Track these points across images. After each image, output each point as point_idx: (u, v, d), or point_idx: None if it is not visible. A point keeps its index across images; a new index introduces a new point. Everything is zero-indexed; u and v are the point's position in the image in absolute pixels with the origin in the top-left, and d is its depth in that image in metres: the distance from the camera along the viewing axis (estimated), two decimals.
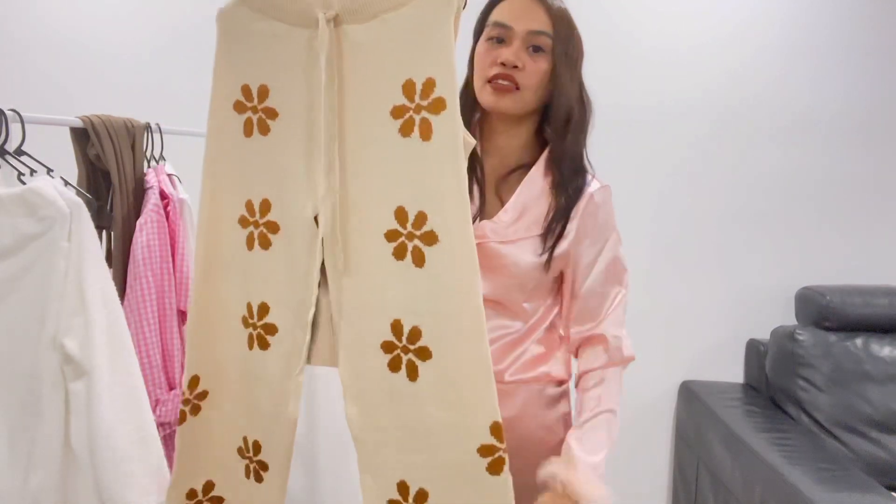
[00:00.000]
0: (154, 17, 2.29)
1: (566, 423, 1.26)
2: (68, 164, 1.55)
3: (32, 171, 1.31)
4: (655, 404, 2.40)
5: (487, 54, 1.14)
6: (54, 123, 1.47)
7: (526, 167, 1.20)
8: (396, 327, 0.96)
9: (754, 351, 2.31)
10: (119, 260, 1.57)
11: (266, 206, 1.02)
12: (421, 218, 0.93)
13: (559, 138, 1.16)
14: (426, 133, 0.91)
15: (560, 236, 1.16)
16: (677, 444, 2.38)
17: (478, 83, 1.16)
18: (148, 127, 1.68)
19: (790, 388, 2.11)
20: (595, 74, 2.25)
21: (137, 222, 1.57)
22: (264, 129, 1.01)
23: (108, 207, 1.58)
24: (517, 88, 1.13)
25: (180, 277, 1.65)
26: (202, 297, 1.11)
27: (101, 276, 1.27)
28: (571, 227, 1.17)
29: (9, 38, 2.30)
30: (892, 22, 2.22)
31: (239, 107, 1.02)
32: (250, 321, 1.07)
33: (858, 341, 2.09)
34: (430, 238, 0.93)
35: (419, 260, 0.94)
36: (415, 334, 0.95)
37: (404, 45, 0.91)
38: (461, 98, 1.21)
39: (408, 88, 0.92)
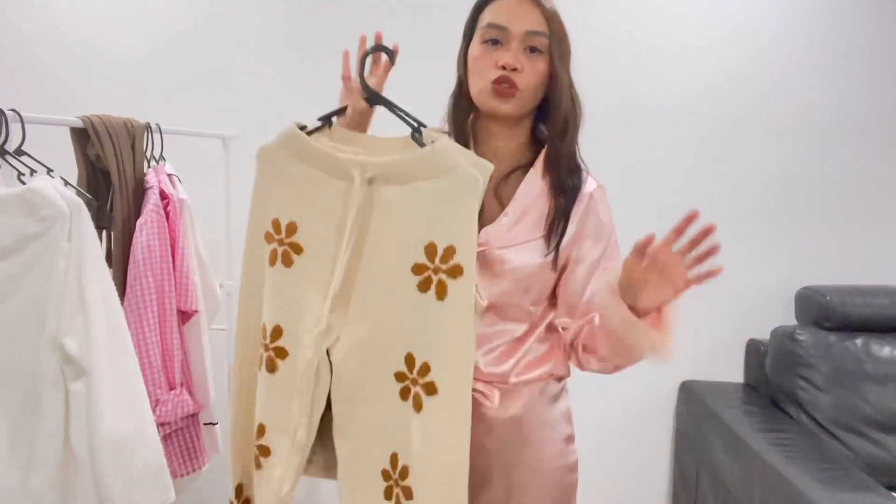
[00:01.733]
0: (154, 18, 2.29)
1: (567, 419, 1.26)
2: (68, 164, 1.55)
3: (32, 171, 1.31)
4: (655, 404, 2.40)
5: (485, 57, 1.13)
6: (54, 123, 1.47)
7: (524, 168, 1.19)
8: (393, 466, 1.07)
9: (754, 351, 2.31)
10: (119, 260, 1.57)
11: (277, 333, 1.12)
12: (425, 368, 1.03)
13: (558, 139, 1.16)
14: (441, 293, 1.01)
15: (563, 235, 1.16)
16: (677, 444, 2.38)
17: (476, 86, 1.15)
18: (148, 127, 1.68)
19: (790, 388, 2.11)
20: (595, 76, 2.26)
21: (137, 222, 1.57)
22: (288, 261, 1.10)
23: (108, 207, 1.58)
24: (517, 90, 1.12)
25: (180, 277, 1.65)
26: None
27: (101, 276, 1.28)
28: (571, 227, 1.16)
29: (8, 37, 2.30)
30: (892, 22, 2.22)
31: (268, 237, 1.12)
32: (255, 442, 1.17)
33: (858, 341, 2.09)
34: (431, 388, 1.02)
35: (418, 406, 1.03)
36: (408, 490, 1.04)
37: (431, 212, 1.01)
38: (454, 101, 1.23)
39: (430, 250, 1.02)
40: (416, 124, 1.06)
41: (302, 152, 1.08)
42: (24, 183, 1.26)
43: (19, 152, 1.30)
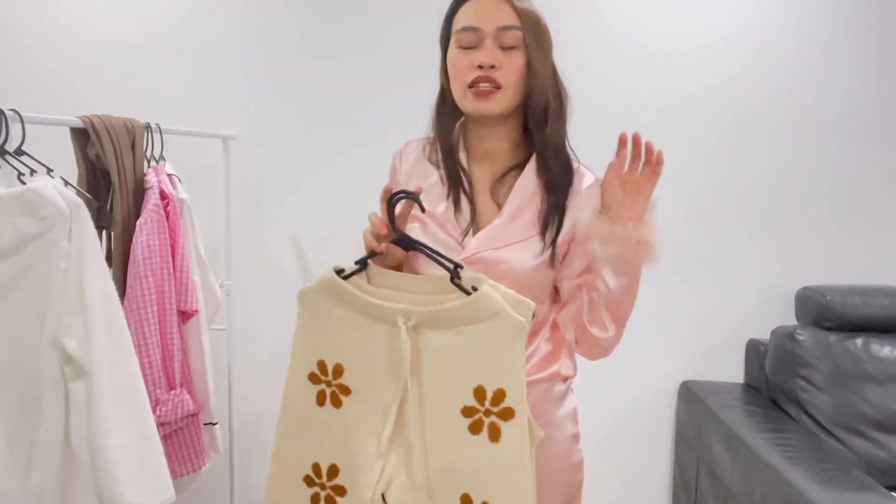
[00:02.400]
0: (155, 18, 2.29)
1: (573, 418, 1.26)
2: (68, 164, 1.55)
3: (32, 171, 1.31)
4: (655, 404, 2.40)
5: (462, 60, 1.12)
6: (54, 123, 1.47)
7: (519, 167, 1.19)
8: None
9: (754, 351, 2.31)
10: (119, 260, 1.57)
11: (334, 472, 1.12)
12: None
13: (539, 129, 1.16)
14: (495, 435, 1.02)
15: (559, 230, 1.16)
16: (677, 444, 2.38)
17: (458, 91, 1.15)
18: (148, 127, 1.68)
19: (790, 388, 2.11)
20: (596, 78, 2.27)
21: (137, 222, 1.57)
22: (337, 403, 1.11)
23: (108, 207, 1.58)
24: (498, 88, 1.12)
25: (180, 277, 1.65)
26: None
27: (102, 276, 1.27)
28: (568, 222, 1.16)
29: (9, 37, 2.30)
30: (893, 22, 2.22)
31: (314, 378, 1.13)
32: None
33: (858, 341, 2.09)
34: None
35: None
36: None
37: (478, 356, 1.03)
38: (438, 109, 1.23)
39: (479, 393, 1.03)
40: (452, 267, 1.06)
41: (342, 297, 1.08)
42: (24, 183, 1.26)
43: (19, 152, 1.30)
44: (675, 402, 2.40)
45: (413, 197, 1.06)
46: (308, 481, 1.14)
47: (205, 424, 1.79)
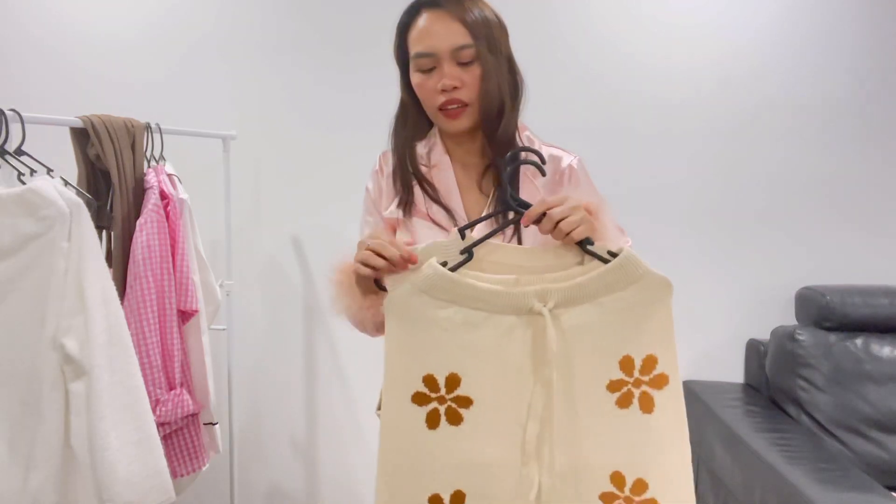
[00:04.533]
0: (156, 18, 2.29)
1: None
2: (68, 164, 1.55)
3: (32, 171, 1.31)
4: None
5: (426, 85, 1.15)
6: (54, 123, 1.47)
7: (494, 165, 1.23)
8: None
9: (754, 351, 2.31)
10: (119, 260, 1.57)
11: (459, 499, 0.97)
12: (640, 485, 0.96)
13: (491, 131, 1.17)
14: (647, 406, 0.95)
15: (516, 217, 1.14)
16: None
17: (430, 112, 1.19)
18: (148, 127, 1.68)
19: (790, 388, 2.11)
20: (595, 77, 2.26)
21: (137, 222, 1.57)
22: (455, 419, 0.97)
23: (108, 207, 1.58)
24: (466, 106, 1.15)
25: (180, 277, 1.65)
26: None
27: (101, 276, 1.28)
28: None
29: (9, 36, 2.30)
30: (893, 23, 2.22)
31: (420, 398, 0.97)
32: None
33: (858, 341, 2.09)
34: None
35: None
36: None
37: (622, 325, 0.95)
38: (399, 122, 1.24)
39: (625, 364, 0.95)
40: (585, 240, 0.97)
41: (454, 293, 0.95)
42: (24, 183, 1.26)
43: (19, 152, 1.30)
44: None
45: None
46: None
47: (205, 424, 1.79)
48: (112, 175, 1.55)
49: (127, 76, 2.30)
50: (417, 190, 1.21)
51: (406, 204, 1.21)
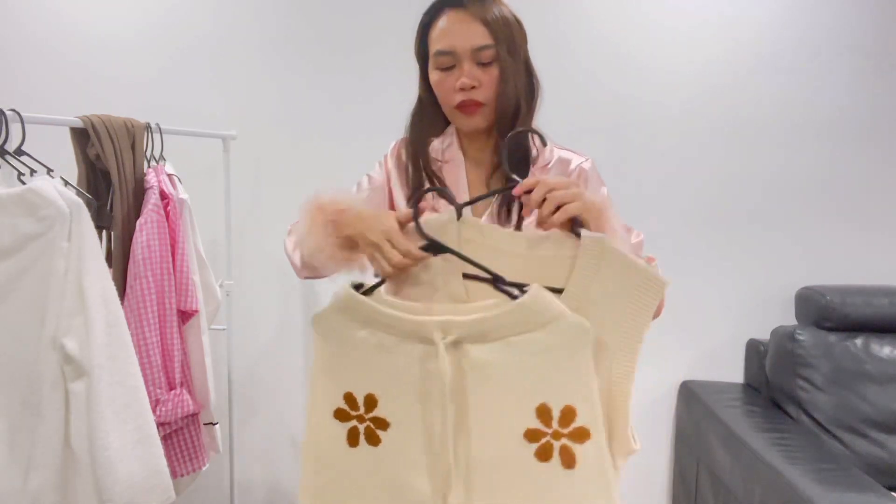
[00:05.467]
0: (156, 17, 2.29)
1: None
2: (68, 164, 1.55)
3: (32, 171, 1.31)
4: (655, 404, 2.40)
5: (445, 83, 1.16)
6: (54, 123, 1.47)
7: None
8: None
9: (754, 351, 2.31)
10: (119, 260, 1.57)
11: None
12: None
13: (504, 133, 1.17)
14: (569, 461, 0.88)
15: (520, 218, 1.15)
16: (677, 444, 2.38)
17: (447, 110, 1.20)
18: (148, 127, 1.68)
19: (790, 388, 2.11)
20: (595, 77, 2.26)
21: (137, 222, 1.57)
22: (374, 440, 0.96)
23: (108, 207, 1.58)
24: (483, 104, 1.16)
25: (180, 277, 1.65)
26: None
27: (101, 276, 1.28)
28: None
29: (9, 36, 2.30)
30: (892, 23, 2.22)
31: (341, 415, 0.97)
32: None
33: (858, 341, 2.09)
34: None
35: None
36: None
37: (536, 369, 0.88)
38: (416, 117, 1.25)
39: (542, 413, 0.89)
40: (491, 276, 0.93)
41: (365, 316, 0.93)
42: (24, 183, 1.26)
43: (19, 152, 1.30)
44: (675, 401, 2.40)
45: (442, 192, 1.00)
46: None
47: (205, 424, 1.79)
48: (112, 175, 1.55)
49: (127, 76, 2.30)
50: (427, 185, 1.22)
51: (410, 199, 1.21)
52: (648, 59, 2.26)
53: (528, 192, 0.95)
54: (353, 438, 0.96)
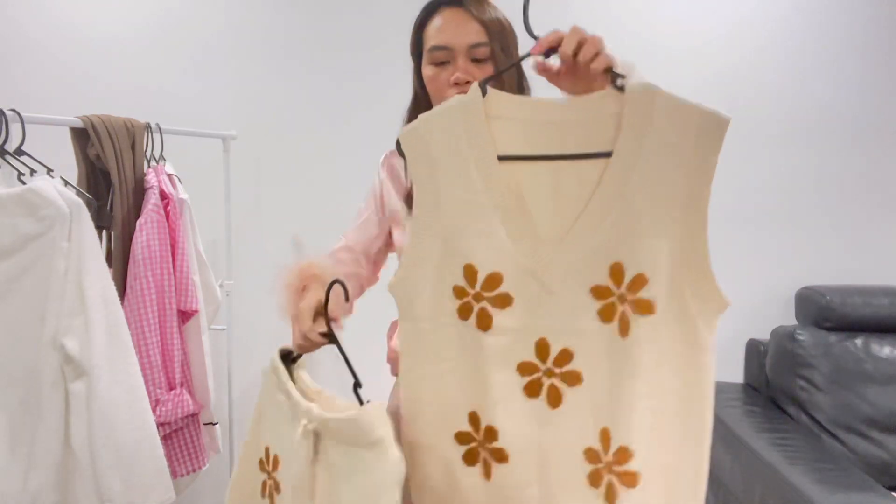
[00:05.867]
0: (156, 17, 2.29)
1: None
2: (68, 164, 1.55)
3: (32, 171, 1.31)
4: None
5: (439, 78, 1.17)
6: (54, 123, 1.47)
7: None
8: None
9: (754, 351, 2.31)
10: (119, 260, 1.57)
11: None
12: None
13: None
14: None
15: None
16: None
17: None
18: (148, 127, 1.68)
19: (790, 388, 2.11)
20: None
21: (137, 222, 1.57)
22: (272, 500, 0.99)
23: (108, 207, 1.58)
24: None
25: (180, 277, 1.65)
26: None
27: (102, 276, 1.28)
28: None
29: (8, 36, 2.30)
30: (889, 22, 2.22)
31: (261, 465, 1.01)
32: None
33: (858, 341, 2.09)
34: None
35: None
36: None
37: (346, 494, 0.87)
38: (411, 114, 1.25)
39: None
40: (355, 381, 0.93)
41: (280, 385, 0.98)
42: (24, 183, 1.26)
43: (19, 152, 1.30)
44: None
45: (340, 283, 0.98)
46: None
47: (205, 424, 1.79)
48: (112, 175, 1.55)
49: (127, 76, 2.30)
50: None
51: (409, 197, 1.21)
52: (646, 60, 2.25)
53: (552, 50, 0.90)
54: (263, 490, 1.00)
